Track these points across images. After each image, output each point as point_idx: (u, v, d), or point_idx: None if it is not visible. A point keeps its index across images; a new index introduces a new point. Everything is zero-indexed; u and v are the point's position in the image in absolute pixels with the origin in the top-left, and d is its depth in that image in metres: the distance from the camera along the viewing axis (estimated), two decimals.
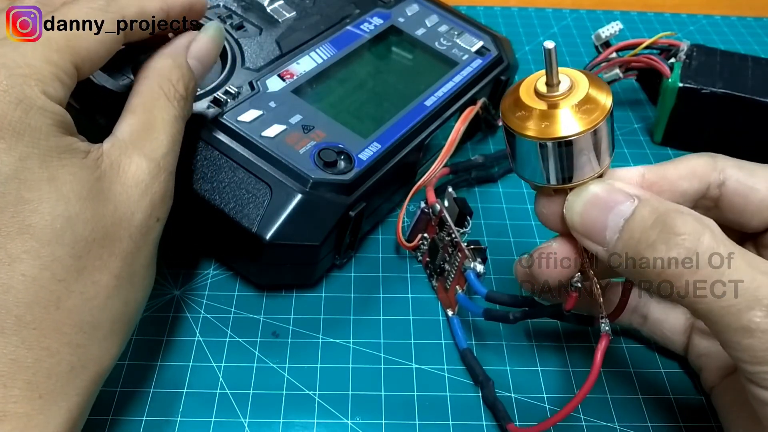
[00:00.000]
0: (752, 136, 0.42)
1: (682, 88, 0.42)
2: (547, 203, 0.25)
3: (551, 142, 0.23)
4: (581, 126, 0.23)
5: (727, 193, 0.26)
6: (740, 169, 0.26)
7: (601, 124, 0.23)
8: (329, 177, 0.32)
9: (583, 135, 0.23)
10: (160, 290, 0.33)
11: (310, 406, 0.29)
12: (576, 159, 0.23)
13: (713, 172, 0.26)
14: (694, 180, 0.26)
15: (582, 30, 0.57)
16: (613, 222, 0.23)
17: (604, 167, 0.24)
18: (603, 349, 0.25)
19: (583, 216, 0.24)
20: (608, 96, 0.23)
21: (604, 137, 0.23)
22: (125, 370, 0.30)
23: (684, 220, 0.22)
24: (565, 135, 0.23)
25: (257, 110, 0.33)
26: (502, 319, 0.30)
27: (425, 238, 0.35)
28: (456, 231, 0.32)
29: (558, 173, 0.24)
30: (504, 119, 0.24)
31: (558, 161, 0.23)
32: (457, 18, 0.44)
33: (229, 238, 0.31)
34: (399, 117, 0.36)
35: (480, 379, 0.30)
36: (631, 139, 0.45)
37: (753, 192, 0.26)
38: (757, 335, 0.21)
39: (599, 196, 0.24)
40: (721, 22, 0.59)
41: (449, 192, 0.34)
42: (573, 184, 0.24)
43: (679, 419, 0.29)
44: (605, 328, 0.25)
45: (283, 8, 0.40)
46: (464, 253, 0.31)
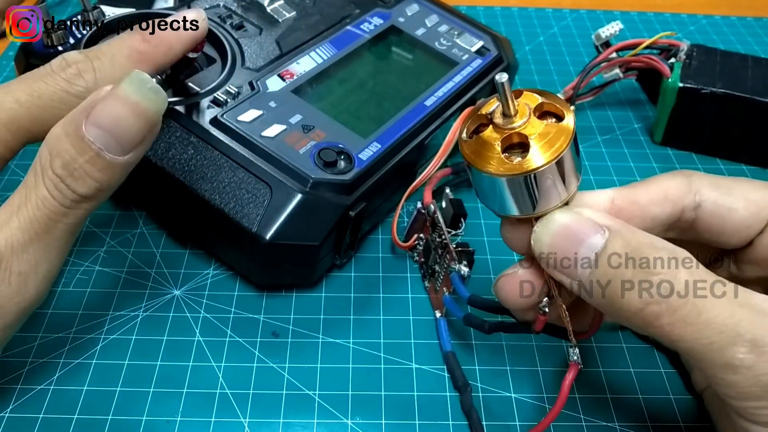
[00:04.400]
0: (752, 136, 0.42)
1: (682, 88, 0.42)
2: (512, 230, 0.24)
3: (514, 178, 0.22)
4: (544, 158, 0.22)
5: (704, 216, 0.25)
6: (716, 188, 0.25)
7: (564, 153, 0.22)
8: (329, 177, 0.32)
9: (547, 167, 0.22)
10: (160, 290, 0.33)
11: (310, 406, 0.29)
12: (541, 190, 0.22)
13: (687, 194, 0.25)
14: (666, 204, 0.25)
15: (582, 30, 0.57)
16: (583, 256, 0.22)
17: (571, 193, 0.23)
18: (571, 379, 0.24)
19: (552, 248, 0.23)
20: (569, 116, 0.22)
21: (568, 163, 0.22)
22: (125, 369, 0.30)
23: (658, 254, 0.21)
24: (528, 169, 0.22)
25: (257, 110, 0.33)
26: (479, 327, 0.29)
27: (421, 239, 0.35)
28: (446, 232, 0.32)
29: (522, 204, 0.23)
30: (463, 154, 0.23)
31: (522, 194, 0.22)
32: (457, 18, 0.44)
33: (229, 237, 0.31)
34: (399, 117, 0.36)
35: (459, 384, 0.29)
36: (631, 139, 0.45)
37: (731, 213, 0.24)
38: (742, 372, 0.20)
39: (568, 227, 0.23)
40: (721, 22, 0.59)
41: (446, 193, 0.34)
42: (538, 213, 0.23)
43: (679, 419, 0.29)
44: (574, 358, 0.24)
45: (283, 8, 0.40)
46: (451, 255, 0.31)
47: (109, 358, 0.30)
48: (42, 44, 0.35)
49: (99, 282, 0.34)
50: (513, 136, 0.22)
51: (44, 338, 0.31)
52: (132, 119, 0.23)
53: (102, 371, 0.30)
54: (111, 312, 0.32)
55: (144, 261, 0.35)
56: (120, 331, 0.32)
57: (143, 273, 0.34)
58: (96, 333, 0.31)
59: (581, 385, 0.30)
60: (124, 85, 0.23)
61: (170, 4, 0.39)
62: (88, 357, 0.30)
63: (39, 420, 0.28)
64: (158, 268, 0.35)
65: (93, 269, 0.34)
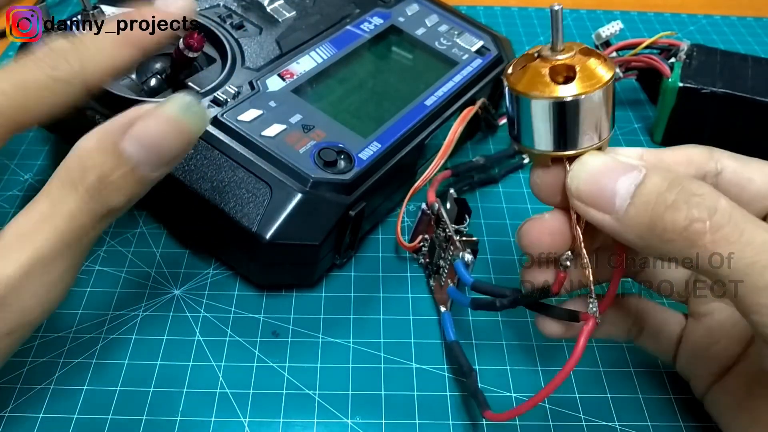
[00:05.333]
0: (752, 135, 0.42)
1: (682, 87, 0.42)
2: (544, 174, 0.25)
3: (554, 103, 0.23)
4: (584, 88, 0.23)
5: (723, 184, 0.25)
6: (735, 160, 0.26)
7: (603, 89, 0.23)
8: (329, 176, 0.32)
9: (586, 96, 0.23)
10: (160, 290, 0.33)
11: (310, 406, 0.29)
12: (578, 124, 0.23)
13: (710, 161, 0.26)
14: (690, 167, 0.25)
15: (582, 30, 0.57)
16: (623, 188, 0.22)
17: (604, 140, 0.24)
18: (588, 331, 0.24)
19: (590, 183, 0.23)
20: (611, 66, 0.23)
21: (607, 105, 0.23)
22: (125, 369, 0.30)
23: (699, 183, 0.22)
24: (568, 95, 0.23)
25: (257, 110, 0.33)
26: (489, 307, 0.29)
27: (425, 239, 0.35)
28: (450, 226, 0.32)
29: (559, 139, 0.24)
30: (508, 82, 0.24)
31: (561, 125, 0.23)
32: (457, 18, 0.44)
33: (228, 237, 0.31)
34: (399, 117, 0.36)
35: (464, 369, 0.29)
36: (631, 138, 0.45)
37: (749, 182, 0.25)
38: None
39: (606, 164, 0.23)
40: (721, 22, 0.59)
41: (451, 193, 0.34)
42: (574, 152, 0.24)
43: (679, 419, 0.29)
44: (593, 309, 0.25)
45: (283, 8, 0.40)
46: (455, 245, 0.31)
47: (109, 358, 0.30)
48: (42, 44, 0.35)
49: (99, 282, 0.34)
50: (560, 67, 0.23)
51: (44, 338, 0.31)
52: (174, 138, 0.24)
53: (102, 371, 0.30)
54: (111, 312, 0.32)
55: (144, 261, 0.35)
56: (120, 330, 0.32)
57: (143, 273, 0.34)
58: (96, 333, 0.31)
59: (581, 385, 0.30)
60: (170, 105, 0.24)
61: None
62: (88, 357, 0.30)
63: (39, 420, 0.28)
64: (158, 267, 0.35)
65: (93, 269, 0.34)
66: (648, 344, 0.30)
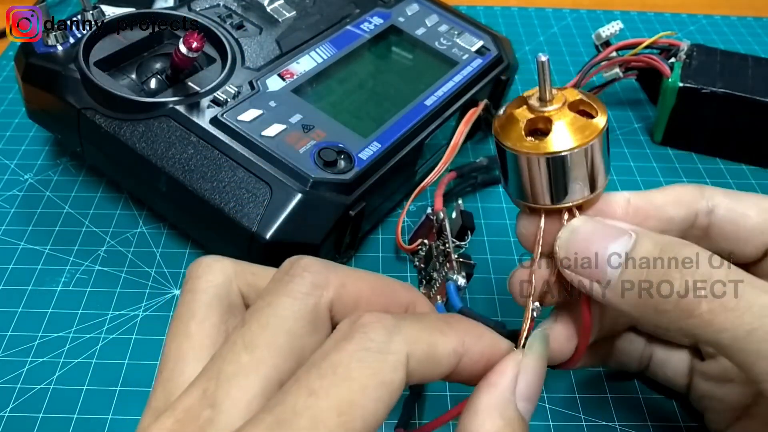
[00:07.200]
0: (752, 136, 0.42)
1: (682, 87, 0.42)
2: (528, 224, 0.24)
3: (513, 155, 0.22)
4: (575, 142, 0.22)
5: (717, 221, 0.25)
6: (728, 195, 0.25)
7: (594, 141, 0.22)
8: (329, 176, 0.32)
9: (576, 151, 0.22)
10: (160, 290, 0.33)
11: None
12: (568, 176, 0.22)
13: (700, 199, 0.25)
14: (681, 207, 0.24)
15: (582, 30, 0.57)
16: (613, 255, 0.22)
17: (598, 190, 0.23)
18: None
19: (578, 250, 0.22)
20: (603, 114, 0.22)
21: (597, 155, 0.22)
22: (125, 369, 0.30)
23: (691, 247, 0.21)
24: (558, 150, 0.22)
25: (257, 110, 0.33)
26: None
27: (424, 244, 0.34)
28: (450, 242, 0.32)
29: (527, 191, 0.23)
30: (496, 136, 0.23)
31: (526, 178, 0.23)
32: (457, 18, 0.44)
33: (229, 237, 0.31)
34: (399, 116, 0.36)
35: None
36: (631, 138, 0.45)
37: (744, 218, 0.24)
38: None
39: (594, 230, 0.22)
40: (721, 22, 0.59)
41: (458, 204, 0.34)
42: (564, 204, 0.23)
43: (680, 419, 0.29)
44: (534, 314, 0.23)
45: (283, 8, 0.40)
46: (451, 264, 0.31)
47: (109, 358, 0.30)
48: (42, 44, 0.35)
49: (99, 282, 0.34)
50: (539, 120, 0.23)
51: (44, 338, 0.31)
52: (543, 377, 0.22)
53: (102, 371, 0.30)
54: (111, 311, 0.32)
55: (144, 261, 0.35)
56: (120, 330, 0.32)
57: (143, 273, 0.34)
58: (96, 332, 0.31)
59: (581, 385, 0.30)
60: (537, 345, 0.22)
61: (170, 3, 0.39)
62: (88, 357, 0.30)
63: (39, 420, 0.28)
64: (158, 267, 0.35)
65: (93, 269, 0.34)
66: (657, 374, 0.29)
